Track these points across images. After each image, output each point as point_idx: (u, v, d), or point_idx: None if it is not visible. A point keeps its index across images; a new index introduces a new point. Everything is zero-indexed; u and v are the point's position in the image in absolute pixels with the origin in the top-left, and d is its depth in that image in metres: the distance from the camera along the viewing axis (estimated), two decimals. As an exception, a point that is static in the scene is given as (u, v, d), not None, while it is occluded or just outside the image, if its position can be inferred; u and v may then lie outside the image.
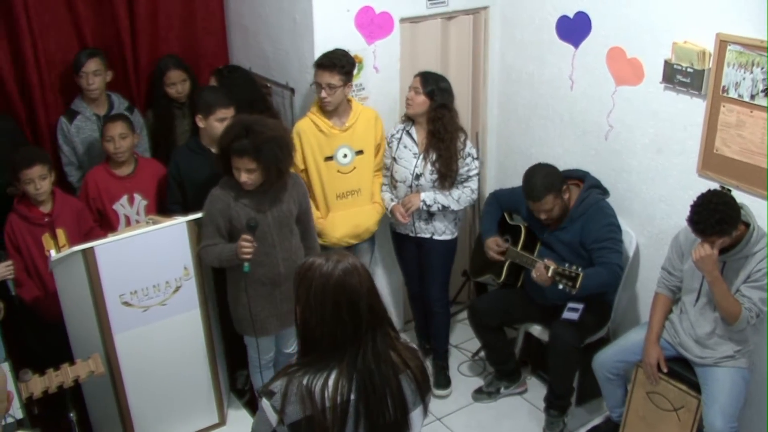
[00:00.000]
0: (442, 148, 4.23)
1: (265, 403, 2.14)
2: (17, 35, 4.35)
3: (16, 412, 3.19)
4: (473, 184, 4.40)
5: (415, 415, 2.23)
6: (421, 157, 4.31)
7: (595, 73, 4.29)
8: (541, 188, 4.01)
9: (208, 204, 3.72)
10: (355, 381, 2.11)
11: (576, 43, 4.36)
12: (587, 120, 4.42)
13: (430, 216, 4.41)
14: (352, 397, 2.10)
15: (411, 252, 4.61)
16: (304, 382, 2.10)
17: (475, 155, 4.38)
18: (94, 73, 4.38)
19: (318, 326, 2.12)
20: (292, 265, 3.78)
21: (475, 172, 4.39)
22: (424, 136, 4.31)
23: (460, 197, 4.35)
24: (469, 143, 4.37)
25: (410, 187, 4.36)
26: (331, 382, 2.10)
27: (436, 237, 4.46)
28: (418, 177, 4.33)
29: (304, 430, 2.09)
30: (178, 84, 4.60)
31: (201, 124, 4.03)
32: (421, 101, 4.21)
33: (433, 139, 4.24)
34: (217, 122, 3.97)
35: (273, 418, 2.11)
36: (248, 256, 3.60)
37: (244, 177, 3.59)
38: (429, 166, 4.29)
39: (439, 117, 4.20)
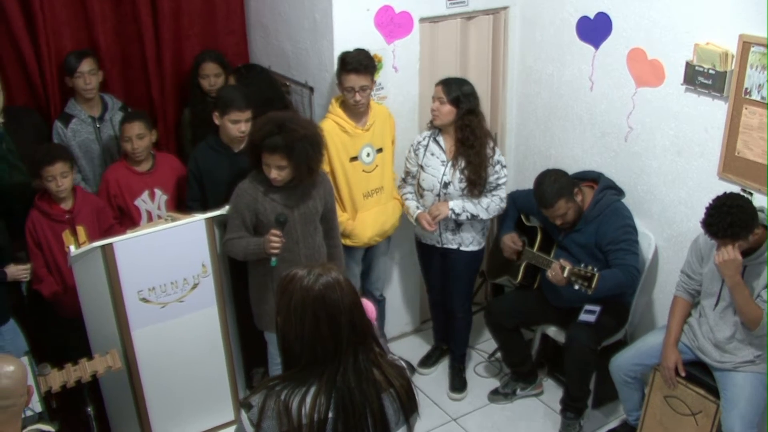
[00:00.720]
0: (472, 155, 4.15)
1: (243, 415, 2.10)
2: (35, 31, 4.37)
3: (35, 405, 3.22)
4: (502, 192, 4.30)
5: None
6: (450, 164, 4.24)
7: (615, 74, 4.27)
8: (552, 194, 3.99)
9: (236, 197, 3.73)
10: (333, 399, 2.05)
11: (596, 44, 4.34)
12: (607, 121, 4.40)
13: (457, 226, 4.34)
14: (330, 415, 2.05)
15: (436, 262, 4.55)
16: (282, 397, 2.06)
17: (504, 163, 4.28)
18: (90, 73, 4.37)
19: (297, 340, 2.07)
20: (314, 262, 3.78)
21: (504, 180, 4.29)
22: (452, 144, 4.23)
23: (489, 206, 4.27)
24: (498, 150, 4.28)
25: (438, 195, 4.29)
26: (309, 399, 2.05)
27: (462, 248, 4.39)
28: (446, 185, 4.25)
29: None
30: (211, 77, 4.61)
31: (217, 121, 4.04)
32: (447, 110, 4.13)
33: (462, 147, 4.17)
34: (230, 123, 3.97)
35: (250, 430, 2.08)
36: (276, 251, 3.61)
37: (274, 173, 3.60)
38: (458, 174, 4.21)
39: (467, 124, 4.12)
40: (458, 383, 4.70)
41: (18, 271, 3.80)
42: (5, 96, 4.12)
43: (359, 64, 4.03)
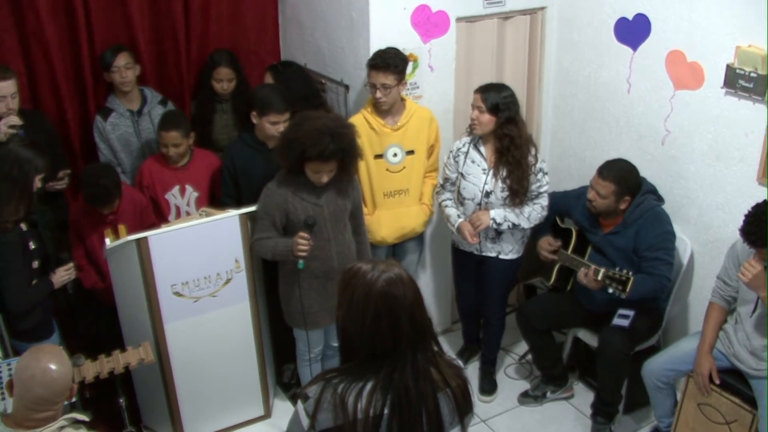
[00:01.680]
0: (513, 164, 4.04)
1: (299, 405, 2.13)
2: (75, 25, 4.43)
3: (70, 395, 3.26)
4: (544, 200, 4.20)
5: None
6: (491, 173, 4.14)
7: (653, 76, 4.22)
8: (614, 170, 3.97)
9: (265, 198, 3.74)
10: (390, 396, 2.06)
11: (634, 46, 4.29)
12: (644, 124, 4.36)
13: (498, 235, 4.26)
14: (386, 411, 2.06)
15: (471, 270, 4.49)
16: (339, 390, 2.07)
17: (546, 170, 4.18)
18: (126, 67, 4.43)
19: (357, 335, 2.08)
20: (345, 259, 3.82)
21: (546, 187, 4.18)
22: (492, 152, 4.13)
23: (530, 215, 4.17)
24: (540, 158, 4.16)
25: (479, 204, 4.19)
26: (365, 394, 2.06)
27: (501, 256, 4.32)
28: (488, 194, 4.14)
29: None
30: (225, 81, 4.65)
31: (255, 120, 4.05)
32: (487, 120, 4.01)
33: (503, 157, 4.07)
34: (269, 124, 3.99)
35: (305, 422, 2.10)
36: (304, 254, 3.62)
37: (325, 178, 3.63)
38: (500, 183, 4.10)
39: (506, 134, 4.01)
40: (488, 386, 4.68)
41: (63, 274, 3.76)
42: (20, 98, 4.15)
43: (383, 61, 4.03)
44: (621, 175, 3.98)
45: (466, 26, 4.56)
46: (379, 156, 4.23)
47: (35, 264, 3.61)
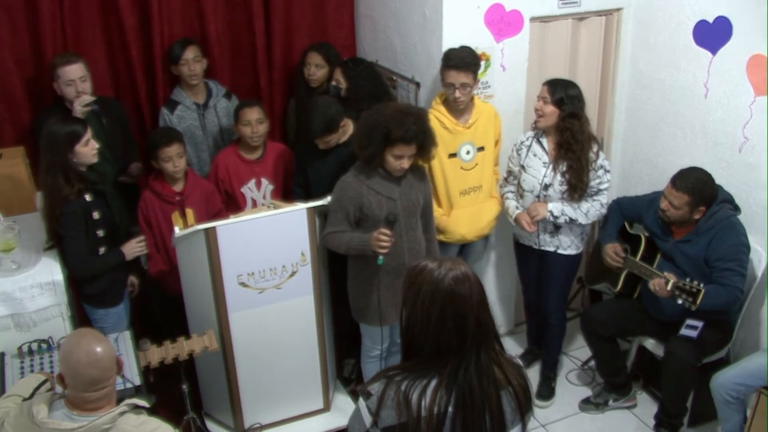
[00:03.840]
0: (573, 159, 4.07)
1: (361, 403, 2.13)
2: (149, 19, 4.52)
3: (135, 378, 3.34)
4: (603, 198, 4.21)
5: None
6: (551, 167, 4.17)
7: (732, 81, 4.11)
8: (689, 182, 3.87)
9: (339, 191, 3.74)
10: (454, 394, 2.06)
11: (714, 50, 4.19)
12: (720, 130, 4.24)
13: (555, 229, 4.28)
14: (450, 410, 2.05)
15: (532, 263, 4.50)
16: (402, 387, 2.07)
17: (607, 167, 4.18)
18: (194, 60, 4.50)
19: (422, 333, 2.08)
20: (416, 255, 3.83)
21: (606, 185, 4.19)
22: (554, 146, 4.17)
23: (588, 211, 4.19)
24: (602, 154, 4.18)
25: (537, 197, 4.23)
26: (429, 391, 2.05)
27: (560, 251, 4.33)
28: (546, 187, 4.19)
29: None
30: (312, 66, 4.68)
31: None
32: (551, 111, 4.05)
33: (563, 150, 4.10)
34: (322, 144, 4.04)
35: (367, 419, 2.10)
36: (385, 251, 3.62)
37: (405, 163, 3.65)
38: (559, 177, 4.14)
39: (567, 127, 4.04)
40: (545, 391, 4.63)
41: (135, 245, 3.80)
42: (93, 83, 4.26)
43: (461, 60, 4.01)
44: (695, 185, 3.88)
45: (540, 26, 4.51)
46: (453, 155, 4.22)
47: (100, 233, 3.68)
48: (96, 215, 3.63)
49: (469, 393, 2.06)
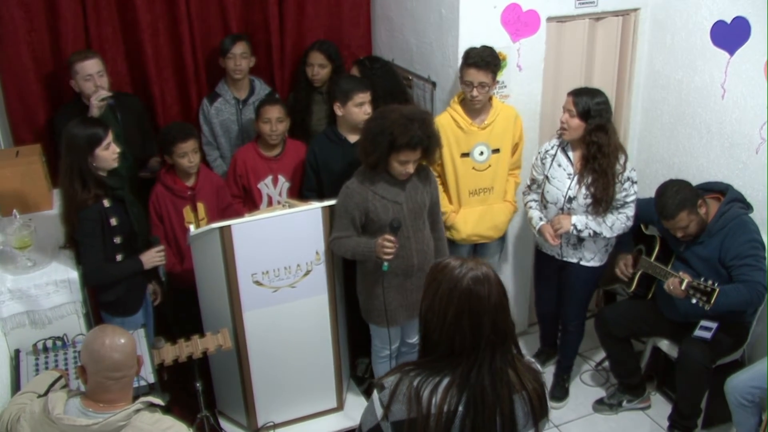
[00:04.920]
0: (599, 172, 3.96)
1: (375, 395, 2.14)
2: (176, 18, 4.56)
3: (149, 376, 3.35)
4: (629, 211, 4.10)
5: None
6: (576, 179, 4.06)
7: (750, 82, 4.08)
8: (673, 206, 3.82)
9: (344, 196, 3.73)
10: (465, 394, 2.06)
11: (731, 50, 4.16)
12: (737, 131, 4.22)
13: (579, 241, 4.20)
14: (460, 409, 2.05)
15: (552, 274, 4.45)
16: (415, 383, 2.07)
17: (635, 179, 4.06)
18: (242, 56, 4.54)
19: (437, 330, 2.08)
20: (424, 256, 3.83)
21: (632, 198, 4.07)
22: (580, 157, 4.06)
23: (614, 224, 4.08)
24: (629, 165, 4.04)
25: (561, 209, 4.14)
26: (440, 389, 2.06)
27: (583, 263, 4.26)
28: (570, 200, 4.08)
29: (406, 431, 2.06)
30: (315, 66, 4.69)
31: (339, 112, 4.08)
32: (576, 125, 3.94)
33: (589, 164, 3.99)
34: (356, 107, 4.02)
35: (379, 411, 2.11)
36: (390, 257, 3.62)
37: (410, 168, 3.64)
38: (583, 190, 4.03)
39: (594, 141, 3.92)
40: (559, 392, 4.62)
41: (154, 255, 3.76)
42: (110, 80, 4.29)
43: (481, 59, 4.00)
44: (681, 200, 3.83)
45: (557, 26, 4.50)
46: (465, 154, 4.21)
47: (117, 240, 3.63)
48: (113, 221, 3.60)
49: (480, 394, 2.06)
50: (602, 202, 4.00)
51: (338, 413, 4.38)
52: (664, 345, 4.36)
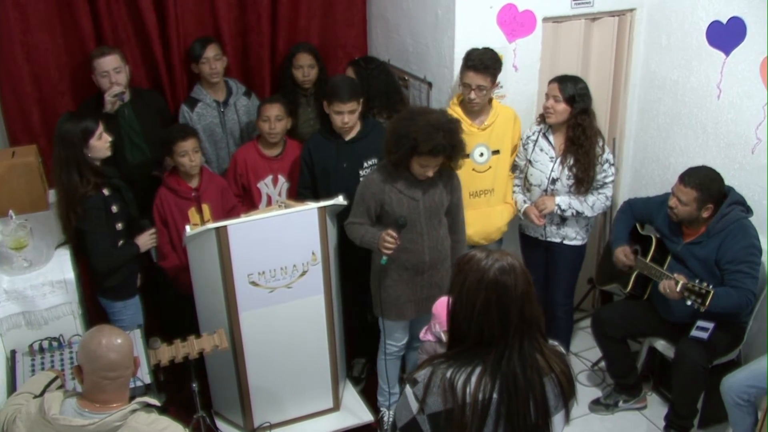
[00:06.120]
0: (581, 154, 4.15)
1: (408, 390, 2.17)
2: (165, 17, 4.55)
3: (145, 377, 3.35)
4: (608, 191, 4.30)
5: (557, 419, 2.20)
6: (558, 161, 4.22)
7: (745, 82, 4.09)
8: (696, 179, 3.86)
9: (363, 185, 3.83)
10: (498, 382, 2.09)
11: (727, 51, 4.17)
12: (733, 132, 4.22)
13: (562, 221, 4.35)
14: (495, 396, 2.09)
15: (539, 256, 4.53)
16: (448, 374, 2.11)
17: (612, 161, 4.27)
18: (215, 58, 4.51)
19: (466, 320, 2.12)
20: (437, 254, 3.88)
21: (611, 179, 4.28)
22: (561, 141, 4.22)
23: (594, 203, 4.26)
24: (607, 149, 4.27)
25: (545, 190, 4.29)
26: (474, 378, 2.09)
27: (566, 242, 4.39)
28: (554, 181, 4.25)
29: (443, 422, 2.09)
30: (305, 67, 4.66)
31: (326, 110, 4.11)
32: (562, 109, 4.12)
33: (572, 145, 4.16)
34: (334, 114, 4.04)
35: (414, 406, 2.13)
36: (389, 252, 3.67)
37: (430, 172, 3.69)
38: (566, 171, 4.21)
39: (579, 123, 4.12)
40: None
41: (148, 237, 3.93)
42: (131, 72, 4.33)
43: (480, 62, 4.02)
44: (703, 181, 3.87)
45: (553, 26, 4.50)
46: (465, 156, 4.21)
47: (119, 226, 3.79)
48: (114, 209, 3.74)
49: (513, 380, 2.10)
50: (584, 182, 4.19)
51: (334, 413, 4.37)
52: (661, 345, 4.36)
